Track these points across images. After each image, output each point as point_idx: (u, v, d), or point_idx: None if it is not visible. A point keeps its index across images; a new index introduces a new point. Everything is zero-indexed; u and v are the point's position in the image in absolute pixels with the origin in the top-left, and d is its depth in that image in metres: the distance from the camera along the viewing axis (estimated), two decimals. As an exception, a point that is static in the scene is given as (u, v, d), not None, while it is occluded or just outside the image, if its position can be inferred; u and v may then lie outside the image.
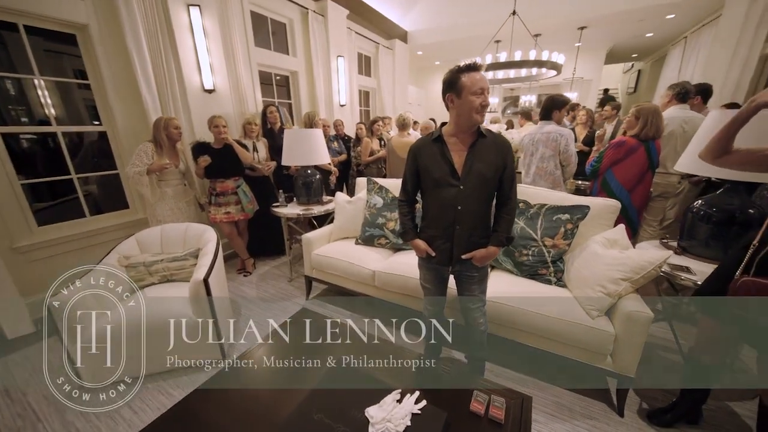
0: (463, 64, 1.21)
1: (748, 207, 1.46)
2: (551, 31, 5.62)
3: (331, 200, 2.86)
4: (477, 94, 1.17)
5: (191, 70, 2.80)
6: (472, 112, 1.19)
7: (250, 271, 2.87)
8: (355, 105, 5.17)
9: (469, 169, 1.25)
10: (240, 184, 2.59)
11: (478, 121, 1.22)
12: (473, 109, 1.19)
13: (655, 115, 2.27)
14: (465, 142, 1.27)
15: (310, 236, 2.31)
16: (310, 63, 4.19)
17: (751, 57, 3.64)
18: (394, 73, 6.06)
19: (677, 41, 5.79)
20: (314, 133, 2.61)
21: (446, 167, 1.27)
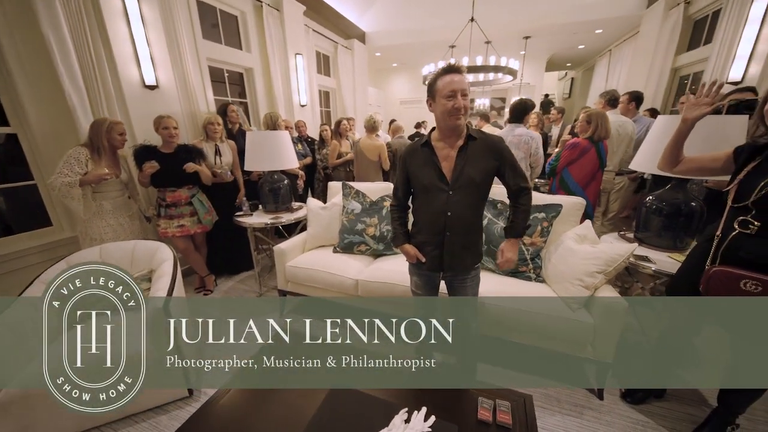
0: (441, 67, 1.17)
1: (690, 200, 1.67)
2: (500, 39, 5.98)
3: (302, 207, 2.69)
4: (449, 97, 1.12)
5: (128, 62, 2.43)
6: (445, 116, 1.15)
7: (211, 289, 2.58)
8: (316, 105, 4.98)
9: (459, 174, 1.21)
10: (195, 193, 2.30)
11: (454, 124, 1.16)
12: (446, 113, 1.15)
13: (603, 119, 2.52)
14: (453, 146, 1.23)
15: (282, 247, 2.14)
16: (266, 60, 3.92)
17: (665, 69, 4.25)
18: (354, 74, 5.97)
19: (603, 53, 6.57)
20: (281, 135, 2.43)
21: (434, 173, 1.24)
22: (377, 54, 6.94)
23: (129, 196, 2.13)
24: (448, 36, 5.88)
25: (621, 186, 3.14)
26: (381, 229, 2.09)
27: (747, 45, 2.77)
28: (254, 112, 3.97)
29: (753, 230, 0.97)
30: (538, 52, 7.05)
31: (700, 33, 3.88)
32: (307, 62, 4.53)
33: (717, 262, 1.04)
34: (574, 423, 1.45)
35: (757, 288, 0.93)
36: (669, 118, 1.65)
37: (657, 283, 2.01)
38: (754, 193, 0.96)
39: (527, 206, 1.28)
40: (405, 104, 8.69)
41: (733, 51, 2.94)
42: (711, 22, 3.69)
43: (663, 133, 1.63)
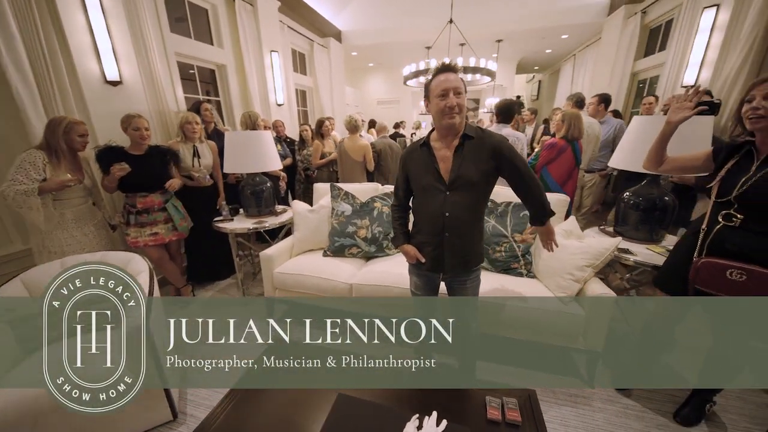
0: (435, 67, 1.16)
1: (664, 195, 1.79)
2: (474, 42, 6.15)
3: (286, 210, 2.59)
4: (441, 96, 1.11)
5: (86, 55, 2.20)
6: (439, 115, 1.14)
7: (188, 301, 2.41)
8: (293, 105, 4.83)
9: (456, 174, 1.18)
10: (169, 198, 2.13)
11: (448, 123, 1.14)
12: (439, 112, 1.14)
13: (577, 120, 2.65)
14: (450, 146, 1.21)
15: (269, 252, 2.04)
16: (240, 57, 3.74)
17: (625, 73, 4.56)
18: (331, 73, 5.87)
19: (568, 57, 6.96)
20: (262, 136, 2.31)
21: (432, 173, 1.22)
22: (353, 53, 6.87)
23: (93, 202, 1.92)
24: (424, 37, 5.95)
25: (592, 182, 3.32)
26: (373, 230, 2.06)
27: (698, 52, 3.04)
28: (228, 112, 3.77)
29: (736, 223, 1.06)
30: (509, 55, 7.33)
31: (655, 40, 4.21)
32: (283, 60, 4.38)
33: (704, 254, 1.11)
34: (570, 413, 1.50)
35: (741, 277, 1.01)
36: (644, 119, 1.76)
37: (633, 274, 2.15)
38: (736, 188, 1.04)
39: (542, 197, 1.25)
40: (382, 104, 8.69)
41: (686, 58, 3.21)
42: (665, 30, 4.02)
43: (640, 132, 1.73)
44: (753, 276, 1.00)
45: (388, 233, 2.12)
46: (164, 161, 2.02)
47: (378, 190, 2.31)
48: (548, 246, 1.35)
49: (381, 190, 2.31)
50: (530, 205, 1.28)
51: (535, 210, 1.28)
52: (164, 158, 2.02)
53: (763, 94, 1.00)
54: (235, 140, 2.27)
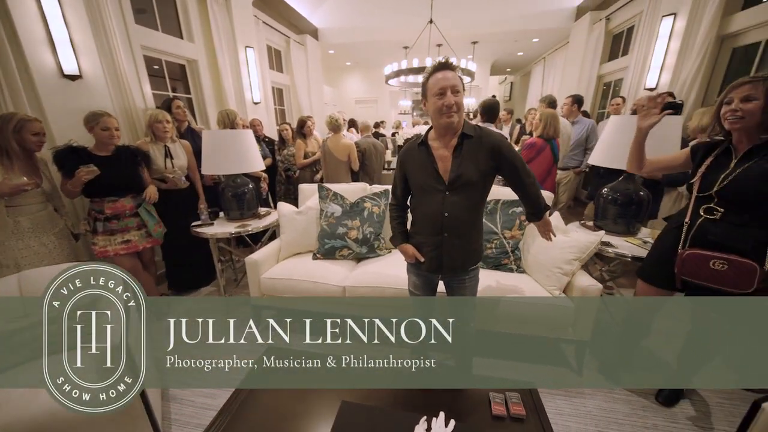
0: (432, 65, 1.15)
1: (639, 191, 1.90)
2: (451, 43, 6.26)
3: (270, 212, 2.49)
4: (439, 95, 1.09)
5: (38, 46, 1.99)
6: (437, 114, 1.12)
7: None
8: (270, 103, 4.67)
9: (456, 174, 1.16)
10: (141, 202, 1.96)
11: (446, 122, 1.12)
12: (437, 111, 1.12)
13: (554, 119, 2.77)
14: (449, 145, 1.19)
15: (255, 257, 1.94)
16: (212, 52, 3.55)
17: (592, 75, 4.83)
18: (308, 71, 5.74)
19: (539, 60, 7.27)
20: (244, 135, 2.20)
21: (430, 173, 1.20)
22: (331, 51, 6.77)
23: (55, 209, 1.73)
24: (401, 37, 5.98)
25: (567, 179, 3.49)
26: (364, 231, 2.02)
27: (659, 57, 3.28)
28: (201, 110, 3.57)
29: (717, 216, 1.13)
30: (483, 57, 7.53)
31: (619, 45, 4.49)
32: (258, 56, 4.22)
33: (687, 246, 1.19)
34: (564, 402, 1.55)
35: (723, 266, 1.09)
36: (621, 119, 1.87)
37: (610, 265, 2.28)
38: (717, 184, 1.12)
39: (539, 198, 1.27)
40: (360, 103, 8.63)
41: (648, 62, 3.45)
42: (627, 36, 4.30)
43: (616, 131, 1.84)
44: (733, 265, 1.08)
45: (379, 234, 2.10)
46: (134, 162, 1.86)
47: (366, 190, 2.28)
48: (547, 236, 1.38)
49: (370, 190, 2.27)
50: (528, 202, 1.30)
51: (532, 206, 1.30)
52: (134, 159, 1.86)
53: (740, 96, 1.07)
54: (214, 140, 2.14)
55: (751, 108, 1.05)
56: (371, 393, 1.28)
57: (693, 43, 2.93)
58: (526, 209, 1.35)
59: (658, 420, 1.44)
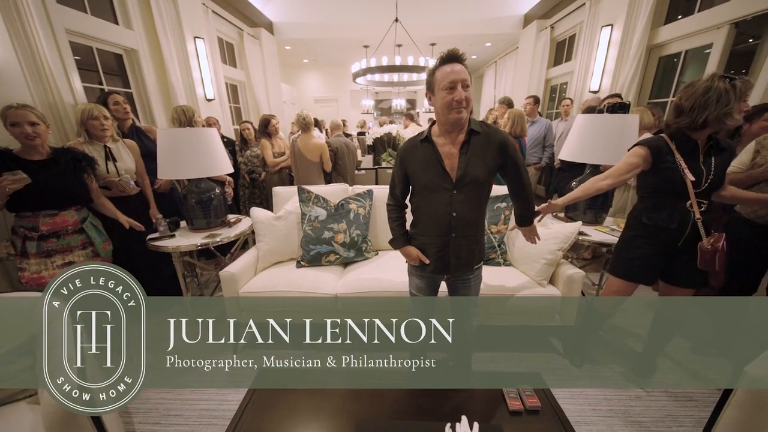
0: (439, 57, 1.08)
1: (604, 183, 2.08)
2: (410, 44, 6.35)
3: (240, 219, 2.26)
4: (449, 89, 1.04)
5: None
6: (446, 110, 1.07)
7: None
8: (225, 100, 4.29)
9: (464, 172, 1.13)
10: (86, 216, 1.65)
11: (455, 118, 1.08)
12: (446, 106, 1.06)
13: (521, 118, 2.93)
14: (455, 142, 1.14)
15: (232, 270, 1.74)
16: (155, 41, 3.15)
17: (540, 79, 5.24)
18: (265, 67, 5.39)
19: (490, 64, 7.70)
20: (209, 134, 1.96)
21: (437, 171, 1.15)
22: (287, 47, 6.45)
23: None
24: (362, 35, 5.90)
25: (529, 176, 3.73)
26: (351, 234, 1.93)
27: (600, 63, 3.65)
28: (144, 106, 3.15)
29: (703, 208, 1.26)
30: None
31: (563, 52, 4.93)
32: (210, 49, 3.85)
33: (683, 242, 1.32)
34: (555, 385, 1.63)
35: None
36: (587, 117, 2.02)
37: (579, 252, 2.47)
38: (704, 178, 1.23)
39: (530, 194, 1.28)
40: (320, 102, 8.37)
41: (591, 68, 3.83)
42: (570, 43, 4.73)
43: (583, 129, 1.98)
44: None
45: (366, 236, 2.02)
46: (77, 168, 1.53)
47: (349, 191, 2.19)
48: (532, 239, 1.42)
49: (352, 191, 2.18)
50: (524, 204, 1.30)
51: (527, 209, 1.32)
52: (77, 164, 1.53)
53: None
54: (173, 140, 1.87)
55: None
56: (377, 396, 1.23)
57: (628, 52, 3.31)
58: (519, 211, 1.35)
59: (641, 392, 1.59)
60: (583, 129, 2.00)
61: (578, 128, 2.04)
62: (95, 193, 1.67)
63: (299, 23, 5.74)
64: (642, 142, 1.37)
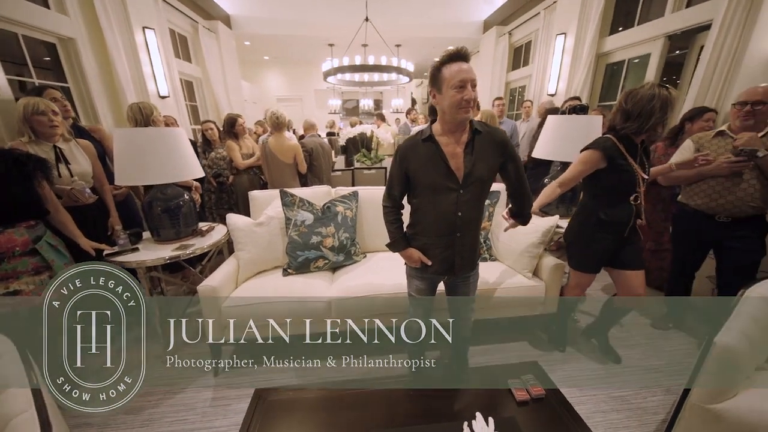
0: (445, 53, 1.07)
1: (573, 179, 2.25)
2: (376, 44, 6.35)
3: (213, 227, 2.08)
4: (458, 88, 1.02)
5: None
6: (454, 109, 1.05)
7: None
8: (181, 98, 3.93)
9: (470, 172, 1.13)
10: (41, 234, 1.38)
11: (463, 118, 1.08)
12: (454, 105, 1.04)
13: (492, 119, 3.06)
14: (459, 141, 1.13)
15: (213, 284, 1.59)
16: (97, 30, 2.79)
17: (501, 82, 5.54)
18: (223, 63, 5.04)
19: (452, 66, 7.98)
20: (177, 134, 1.77)
21: (442, 171, 1.14)
22: (246, 43, 6.10)
23: None
24: (326, 33, 5.78)
25: (497, 173, 3.92)
26: (339, 238, 1.86)
27: (555, 68, 3.95)
28: (85, 104, 2.78)
29: (639, 201, 1.43)
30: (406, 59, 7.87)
31: (520, 57, 5.26)
32: (161, 41, 3.50)
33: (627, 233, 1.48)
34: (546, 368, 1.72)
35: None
36: (557, 118, 2.16)
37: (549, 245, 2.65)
38: (645, 173, 1.40)
39: (529, 191, 1.31)
40: (283, 102, 8.03)
41: (547, 72, 4.13)
42: (527, 49, 5.06)
43: (555, 129, 2.12)
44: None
45: (354, 239, 1.97)
46: (23, 174, 1.27)
47: (332, 194, 2.12)
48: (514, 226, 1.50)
49: (335, 192, 2.11)
50: (523, 202, 1.34)
51: (526, 206, 1.35)
52: (23, 169, 1.27)
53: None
54: (134, 141, 1.66)
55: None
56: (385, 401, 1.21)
57: (580, 58, 3.62)
58: (520, 209, 1.38)
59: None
60: (554, 129, 2.14)
61: (550, 129, 2.17)
62: (53, 205, 1.41)
63: (259, 18, 5.46)
64: (593, 145, 1.45)
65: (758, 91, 1.50)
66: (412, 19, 5.65)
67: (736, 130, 1.58)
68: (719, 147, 1.63)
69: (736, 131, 1.58)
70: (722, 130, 1.65)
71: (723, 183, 1.60)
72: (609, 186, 1.48)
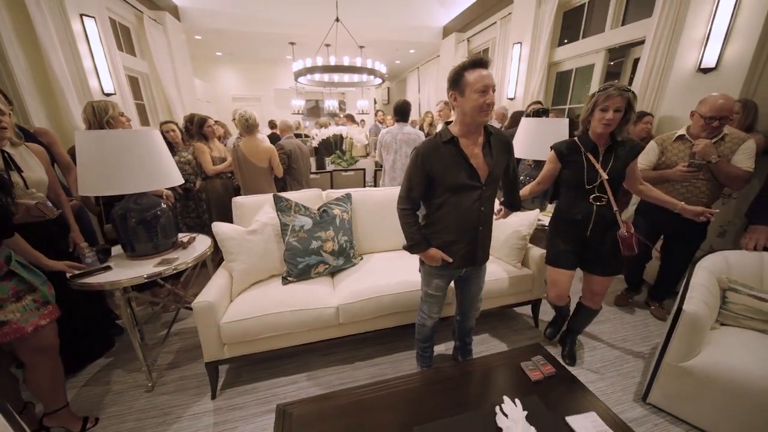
0: (467, 59, 1.15)
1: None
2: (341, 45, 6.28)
3: (194, 237, 1.91)
4: (481, 92, 1.10)
5: None
6: (476, 111, 1.13)
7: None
8: (128, 95, 3.51)
9: (492, 170, 1.24)
10: (9, 254, 1.15)
11: (483, 120, 1.17)
12: (476, 108, 1.12)
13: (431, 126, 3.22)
14: (477, 143, 1.23)
15: (210, 299, 1.46)
16: (24, 17, 2.40)
17: (462, 86, 5.84)
18: (173, 58, 4.61)
19: (413, 69, 8.21)
20: (151, 136, 1.59)
21: (465, 171, 1.21)
22: (197, 37, 5.63)
23: None
24: (286, 31, 5.58)
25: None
26: (339, 241, 1.83)
27: (513, 75, 4.29)
28: (15, 102, 2.35)
29: (604, 201, 1.45)
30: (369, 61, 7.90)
31: (479, 63, 5.59)
32: (103, 31, 3.10)
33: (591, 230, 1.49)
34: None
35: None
36: (530, 120, 2.36)
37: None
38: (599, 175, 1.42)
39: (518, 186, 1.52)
40: (239, 101, 7.53)
41: (506, 78, 4.46)
42: (485, 56, 5.40)
43: (531, 129, 2.32)
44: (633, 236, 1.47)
45: (352, 241, 1.94)
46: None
47: (324, 197, 2.07)
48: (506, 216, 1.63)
49: (327, 195, 2.07)
50: (512, 196, 1.52)
51: (515, 199, 1.53)
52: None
53: (615, 107, 1.34)
54: (99, 145, 1.45)
55: (618, 117, 1.34)
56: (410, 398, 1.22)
57: (535, 66, 3.98)
58: (512, 201, 1.54)
59: (595, 343, 1.95)
60: (527, 131, 2.34)
61: (525, 131, 2.37)
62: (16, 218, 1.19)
63: (212, 11, 5.08)
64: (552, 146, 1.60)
65: (723, 106, 1.63)
66: (375, 21, 5.70)
67: (695, 135, 1.81)
68: (680, 151, 1.87)
69: (694, 136, 1.82)
70: (682, 135, 1.87)
71: (680, 181, 1.85)
72: (563, 181, 1.58)
